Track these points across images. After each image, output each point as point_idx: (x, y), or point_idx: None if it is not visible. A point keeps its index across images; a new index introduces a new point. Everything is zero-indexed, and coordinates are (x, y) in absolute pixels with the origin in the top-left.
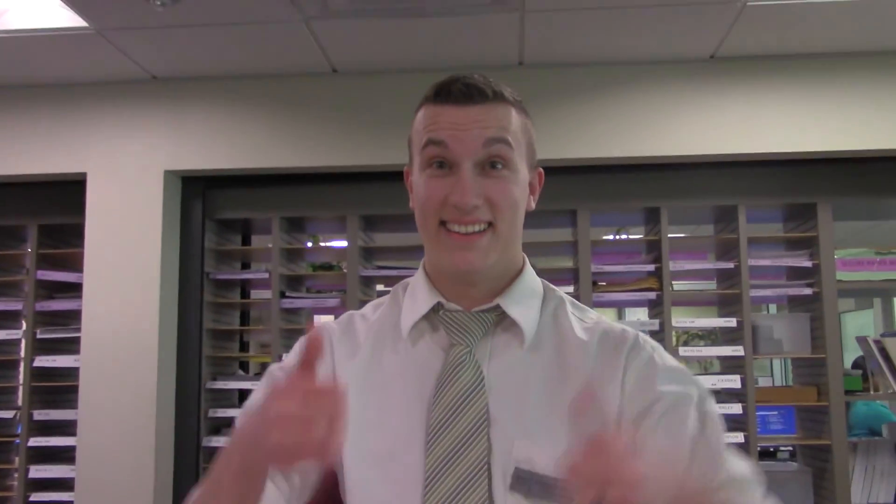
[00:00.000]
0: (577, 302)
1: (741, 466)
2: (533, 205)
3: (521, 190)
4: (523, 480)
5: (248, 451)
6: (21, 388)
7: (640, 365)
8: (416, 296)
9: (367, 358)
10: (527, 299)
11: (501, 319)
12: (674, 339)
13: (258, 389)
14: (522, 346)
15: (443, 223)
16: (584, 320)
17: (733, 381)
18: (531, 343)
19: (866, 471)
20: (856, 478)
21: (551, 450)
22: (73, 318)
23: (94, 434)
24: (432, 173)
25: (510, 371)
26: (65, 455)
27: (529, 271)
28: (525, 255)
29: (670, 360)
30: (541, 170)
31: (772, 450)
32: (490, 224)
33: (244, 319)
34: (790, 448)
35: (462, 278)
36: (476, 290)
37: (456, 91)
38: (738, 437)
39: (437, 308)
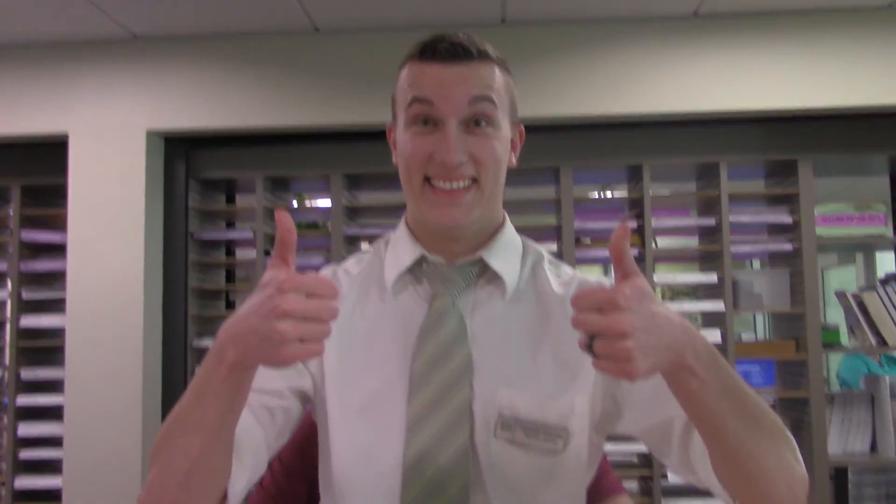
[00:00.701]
0: (553, 258)
1: None
2: (514, 161)
3: (504, 147)
4: (507, 426)
5: (243, 346)
6: (8, 348)
7: None
8: (399, 249)
9: (351, 309)
10: (508, 253)
11: (483, 272)
12: (658, 294)
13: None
14: (504, 298)
15: (427, 179)
16: (560, 276)
17: (714, 336)
18: (512, 296)
19: (843, 422)
20: (833, 429)
21: (534, 396)
22: (57, 278)
23: (82, 393)
24: (417, 130)
25: (492, 322)
26: (53, 413)
27: (509, 227)
28: (505, 212)
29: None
30: (522, 127)
31: None
32: (474, 180)
33: (230, 278)
34: (769, 401)
35: (446, 233)
36: (458, 245)
37: (441, 49)
38: None
39: (420, 261)
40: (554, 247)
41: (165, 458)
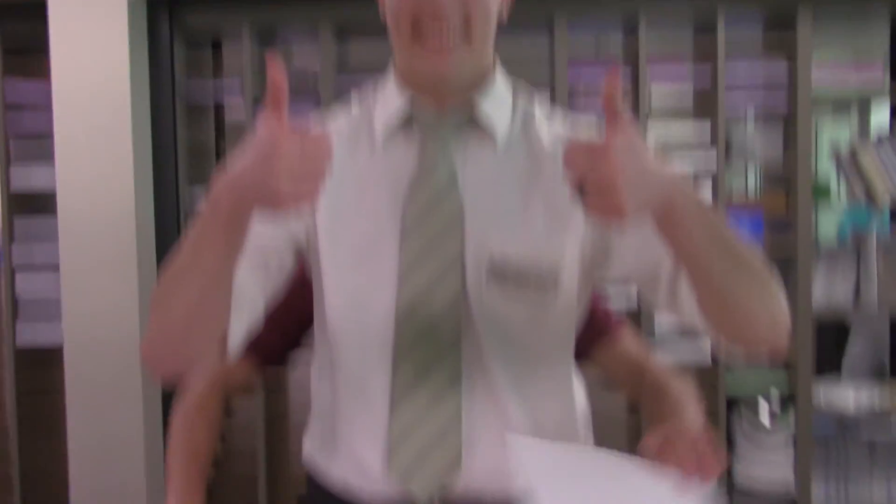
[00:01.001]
0: (543, 106)
1: None
2: (505, 16)
3: None
4: (499, 272)
5: (239, 194)
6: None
7: None
8: (388, 100)
9: (342, 159)
10: (498, 104)
11: (474, 123)
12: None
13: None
14: (495, 149)
15: (415, 28)
16: (552, 123)
17: (704, 189)
18: (503, 146)
19: (828, 275)
20: (818, 281)
21: (525, 243)
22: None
23: (76, 244)
24: None
25: (483, 171)
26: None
27: (500, 77)
28: (497, 60)
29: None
30: None
31: None
32: (465, 32)
33: (219, 134)
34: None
35: (435, 84)
36: (448, 93)
37: None
38: None
39: (409, 111)
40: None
41: (166, 306)
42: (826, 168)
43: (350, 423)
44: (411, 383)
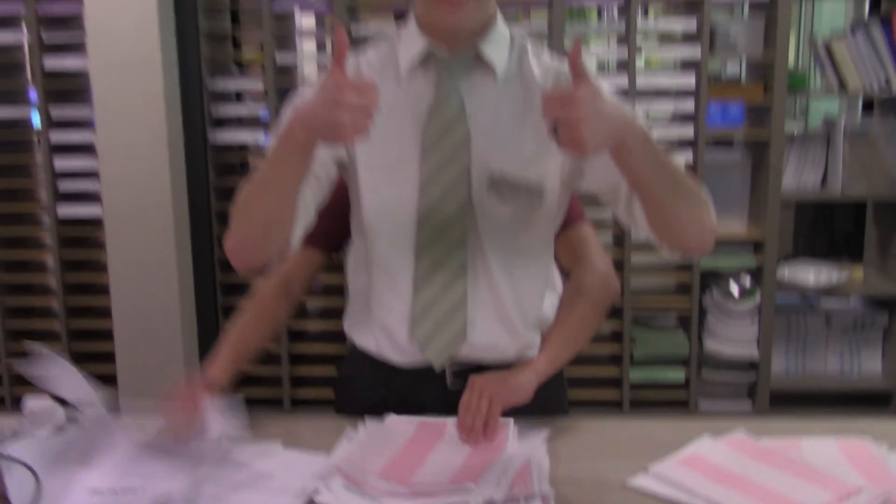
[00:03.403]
0: (535, 47)
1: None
2: None
3: None
4: (497, 184)
5: (311, 128)
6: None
7: None
8: (409, 41)
9: None
10: (499, 45)
11: (479, 61)
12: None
13: (291, 102)
14: (495, 83)
15: None
16: (540, 62)
17: (688, 81)
18: (502, 80)
19: (799, 160)
20: (789, 166)
21: (519, 161)
22: (74, 22)
23: (111, 131)
24: None
25: (486, 102)
26: (83, 148)
27: (500, 21)
28: (497, 7)
29: (605, 86)
30: None
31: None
32: None
33: (234, 20)
34: (739, 138)
35: (447, 30)
36: (458, 38)
37: None
38: (688, 130)
39: (427, 52)
40: (545, 16)
41: (248, 212)
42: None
43: (381, 303)
44: (429, 272)
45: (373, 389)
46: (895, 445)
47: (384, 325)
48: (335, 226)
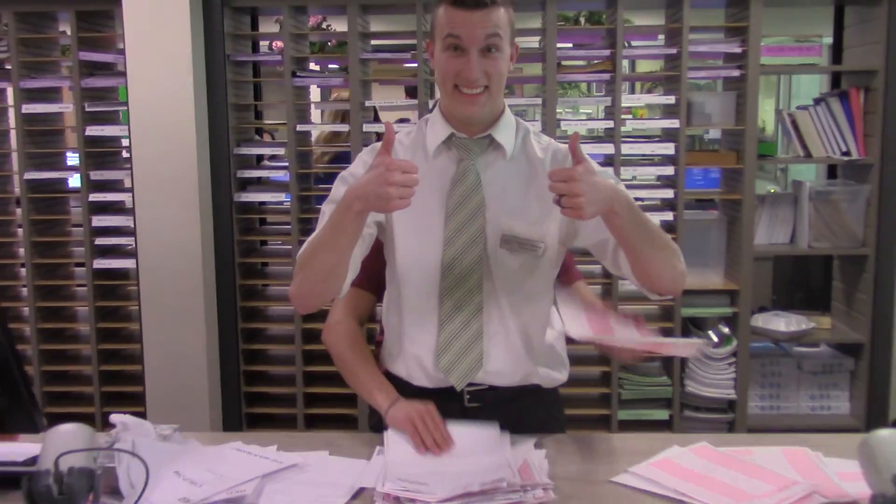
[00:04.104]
0: (536, 131)
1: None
2: (512, 67)
3: (506, 63)
4: (507, 241)
5: (364, 200)
6: (78, 153)
7: None
8: (436, 127)
9: None
10: (507, 130)
11: (491, 143)
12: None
13: (338, 182)
14: (505, 160)
15: (456, 86)
16: (541, 143)
17: (668, 149)
18: (510, 158)
19: (770, 218)
20: (762, 223)
21: (525, 222)
22: (111, 93)
23: (148, 192)
24: (450, 54)
25: (498, 175)
26: (118, 207)
27: (508, 111)
28: (505, 102)
29: (593, 162)
30: (517, 44)
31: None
32: (486, 87)
33: (256, 95)
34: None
35: (467, 119)
36: (475, 126)
37: (469, 1)
38: (669, 192)
39: (450, 136)
40: (539, 67)
41: (311, 267)
42: (768, 129)
43: (411, 338)
44: (451, 312)
45: None
46: (829, 453)
47: (414, 356)
48: (381, 274)
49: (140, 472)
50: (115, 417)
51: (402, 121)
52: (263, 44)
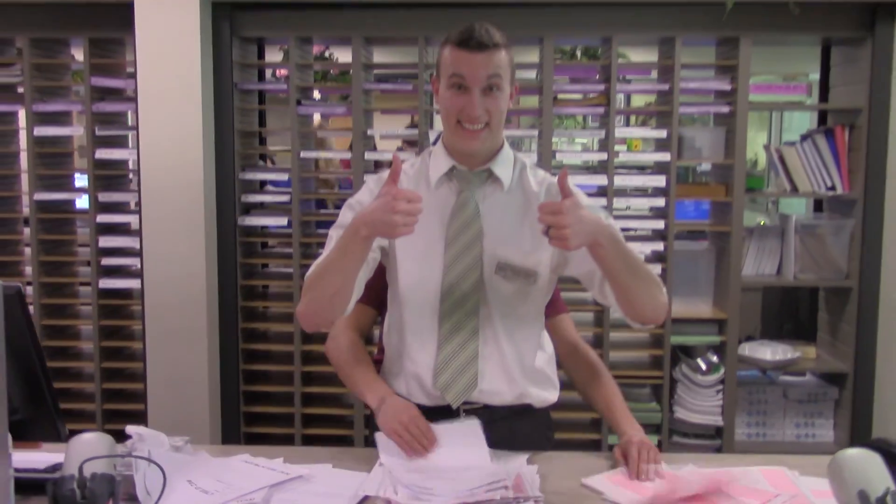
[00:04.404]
0: (533, 165)
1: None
2: (511, 105)
3: (506, 101)
4: (502, 268)
5: (371, 227)
6: (87, 175)
7: None
8: (438, 160)
9: None
10: (505, 164)
11: (490, 176)
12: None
13: (346, 209)
14: (503, 192)
15: (458, 121)
16: (536, 177)
17: (659, 181)
18: (507, 190)
19: (758, 250)
20: (749, 254)
21: (519, 252)
22: (120, 117)
23: (155, 213)
24: (454, 92)
25: (495, 206)
26: (124, 228)
27: (507, 147)
28: (504, 137)
29: (584, 197)
30: (517, 84)
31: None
32: (487, 124)
33: (261, 120)
34: (704, 232)
35: (468, 153)
36: (475, 159)
37: (473, 43)
38: (660, 223)
39: (451, 168)
40: (536, 99)
41: (318, 288)
42: (756, 163)
43: (411, 357)
44: (449, 334)
45: None
46: (805, 472)
47: (414, 375)
48: (376, 291)
49: (155, 480)
50: (131, 429)
51: (399, 149)
52: (268, 69)
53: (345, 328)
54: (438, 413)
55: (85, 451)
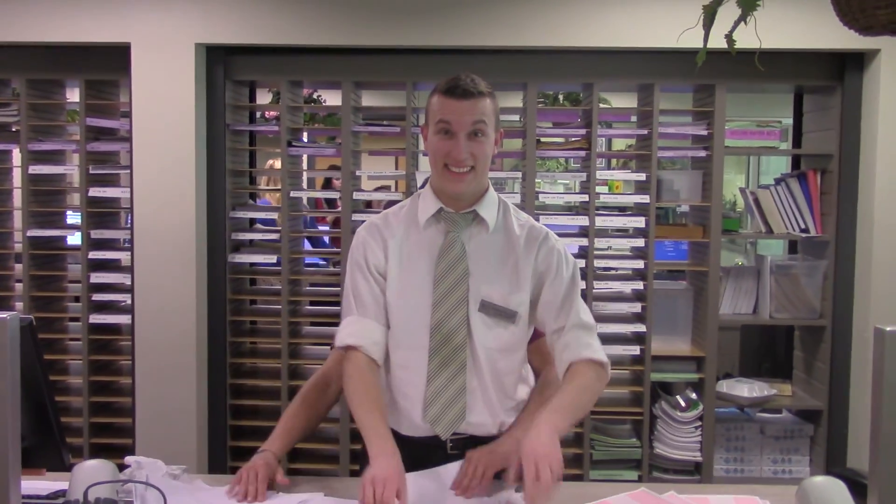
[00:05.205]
0: (516, 208)
1: (589, 317)
2: (496, 150)
3: (490, 146)
4: (485, 306)
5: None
6: (80, 212)
7: (546, 249)
8: (426, 202)
9: (400, 237)
10: (490, 207)
11: (476, 217)
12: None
13: (354, 270)
14: (488, 233)
15: (445, 165)
16: (519, 220)
17: (639, 222)
18: (492, 231)
19: (734, 289)
20: (726, 294)
21: (500, 292)
22: (113, 157)
23: (145, 249)
24: (441, 137)
25: (480, 247)
26: (115, 265)
27: (491, 190)
28: (489, 181)
29: (561, 247)
30: (502, 130)
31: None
32: (472, 168)
33: (251, 161)
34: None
35: (454, 196)
36: (462, 202)
37: (459, 91)
38: (640, 263)
39: (439, 210)
40: (520, 142)
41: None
42: (735, 205)
43: (401, 392)
44: (437, 369)
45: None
46: (775, 501)
47: (403, 409)
48: None
49: None
50: (130, 458)
51: (381, 188)
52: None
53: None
54: (426, 444)
55: (89, 478)
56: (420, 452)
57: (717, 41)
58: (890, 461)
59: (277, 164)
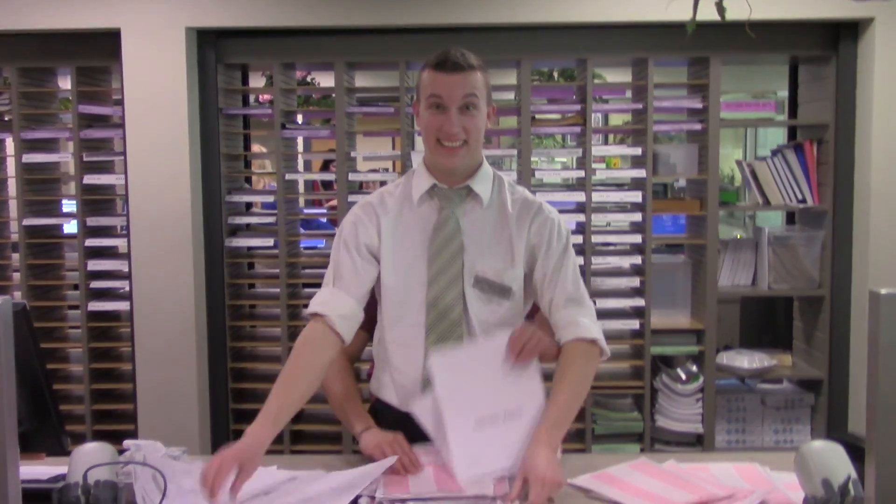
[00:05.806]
0: (510, 182)
1: (579, 289)
2: (489, 125)
3: (483, 120)
4: (479, 282)
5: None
6: (75, 200)
7: (539, 222)
8: (420, 179)
9: (395, 215)
10: (484, 181)
11: (470, 192)
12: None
13: (341, 248)
14: (482, 208)
15: (438, 140)
16: (513, 195)
17: (636, 197)
18: (486, 206)
19: (733, 262)
20: (724, 266)
21: (496, 267)
22: (107, 143)
23: (141, 235)
24: (433, 112)
25: (474, 222)
26: (112, 252)
27: (486, 164)
28: (483, 155)
29: (555, 216)
30: (494, 105)
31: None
32: (465, 141)
33: (246, 145)
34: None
35: (448, 171)
36: (455, 177)
37: (449, 65)
38: (638, 237)
39: (433, 186)
40: (515, 120)
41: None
42: (733, 178)
43: (398, 368)
44: (434, 345)
45: (392, 430)
46: (776, 468)
47: (402, 385)
48: (375, 314)
49: (153, 489)
50: (128, 442)
51: (373, 170)
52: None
53: (337, 355)
54: None
55: (88, 460)
56: (417, 427)
57: (711, 12)
58: (887, 423)
59: (262, 148)
